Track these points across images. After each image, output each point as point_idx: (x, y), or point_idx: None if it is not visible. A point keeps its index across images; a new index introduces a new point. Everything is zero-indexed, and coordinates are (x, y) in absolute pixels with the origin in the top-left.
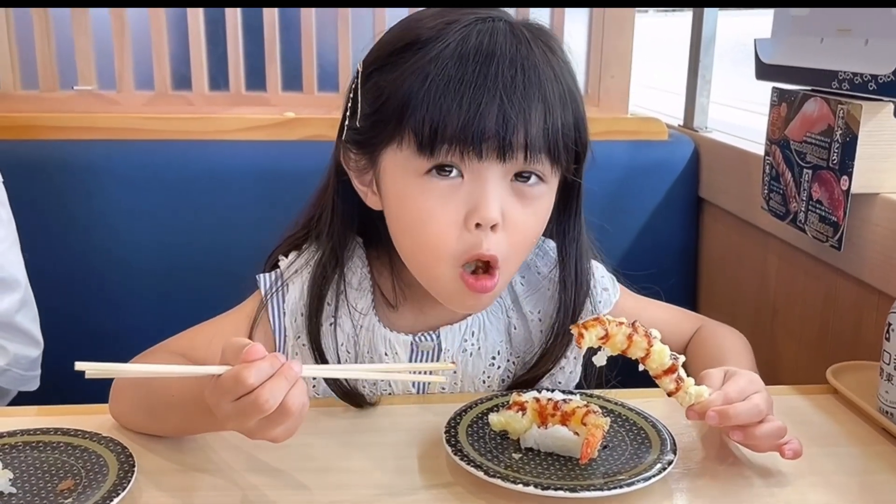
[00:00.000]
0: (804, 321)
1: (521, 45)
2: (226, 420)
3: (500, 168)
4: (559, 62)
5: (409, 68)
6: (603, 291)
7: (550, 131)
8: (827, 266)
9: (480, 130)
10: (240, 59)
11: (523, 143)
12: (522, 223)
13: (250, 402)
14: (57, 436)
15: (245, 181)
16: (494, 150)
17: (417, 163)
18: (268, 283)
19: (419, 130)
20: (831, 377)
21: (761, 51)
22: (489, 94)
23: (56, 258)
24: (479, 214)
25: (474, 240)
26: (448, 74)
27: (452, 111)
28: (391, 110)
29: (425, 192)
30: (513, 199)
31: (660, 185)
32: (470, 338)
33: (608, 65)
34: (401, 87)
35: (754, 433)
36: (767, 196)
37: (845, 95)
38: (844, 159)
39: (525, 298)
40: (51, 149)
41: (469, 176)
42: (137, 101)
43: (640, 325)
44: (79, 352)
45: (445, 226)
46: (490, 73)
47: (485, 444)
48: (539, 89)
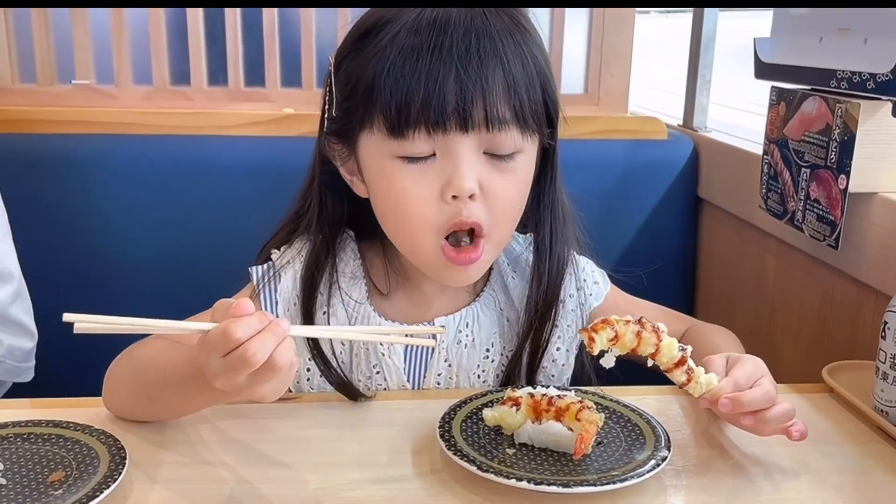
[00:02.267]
0: (802, 320)
1: (475, 16)
2: (215, 377)
3: (467, 140)
4: (521, 30)
5: (370, 52)
6: (594, 284)
7: (514, 98)
8: (824, 265)
9: (441, 105)
10: (239, 55)
11: (483, 112)
12: (503, 191)
13: (238, 356)
14: (48, 428)
15: (243, 177)
16: (457, 122)
17: (390, 145)
18: (259, 274)
19: (387, 112)
20: (827, 376)
21: (760, 50)
22: (445, 67)
23: (52, 251)
24: (453, 186)
25: (453, 210)
26: (405, 54)
27: (412, 90)
28: (359, 96)
29: (401, 170)
30: (488, 168)
31: (659, 185)
32: (464, 328)
33: (608, 64)
34: (364, 72)
35: (765, 417)
36: (765, 195)
37: (844, 94)
38: (842, 158)
39: (514, 290)
40: (48, 142)
41: (440, 152)
42: (135, 96)
43: (646, 321)
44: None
45: (424, 201)
46: (444, 45)
47: (479, 438)
48: (497, 57)
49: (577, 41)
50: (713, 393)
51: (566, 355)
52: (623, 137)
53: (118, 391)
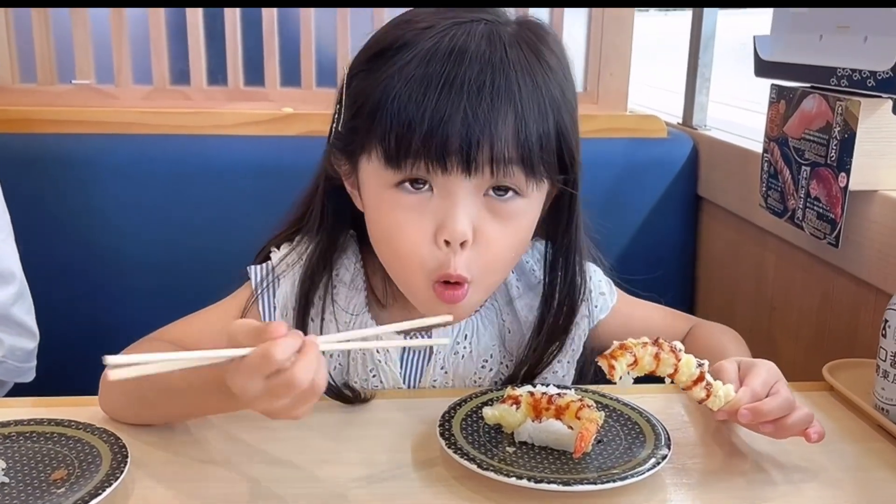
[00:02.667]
0: (802, 319)
1: (495, 50)
2: (253, 401)
3: (468, 183)
4: (544, 68)
5: (380, 76)
6: (600, 296)
7: (523, 144)
8: (825, 264)
9: (443, 144)
10: (238, 54)
11: (489, 158)
12: (497, 240)
13: (284, 382)
14: (50, 426)
15: (243, 176)
16: (459, 164)
17: (387, 175)
18: (259, 276)
19: (386, 143)
20: (827, 374)
21: (760, 48)
22: (453, 106)
23: (53, 251)
24: (446, 231)
25: (443, 258)
26: (413, 84)
27: (415, 123)
28: (363, 119)
29: (396, 205)
30: (487, 214)
31: (658, 183)
32: (462, 340)
33: (607, 62)
34: (371, 96)
35: (785, 424)
36: (765, 193)
37: (844, 92)
38: (842, 156)
39: (519, 300)
40: (49, 142)
41: (438, 190)
42: (135, 96)
43: (663, 342)
44: (74, 344)
45: (416, 240)
46: (456, 80)
47: (479, 437)
48: (510, 98)
49: (577, 39)
50: (731, 404)
51: (567, 367)
52: (622, 136)
53: (114, 397)
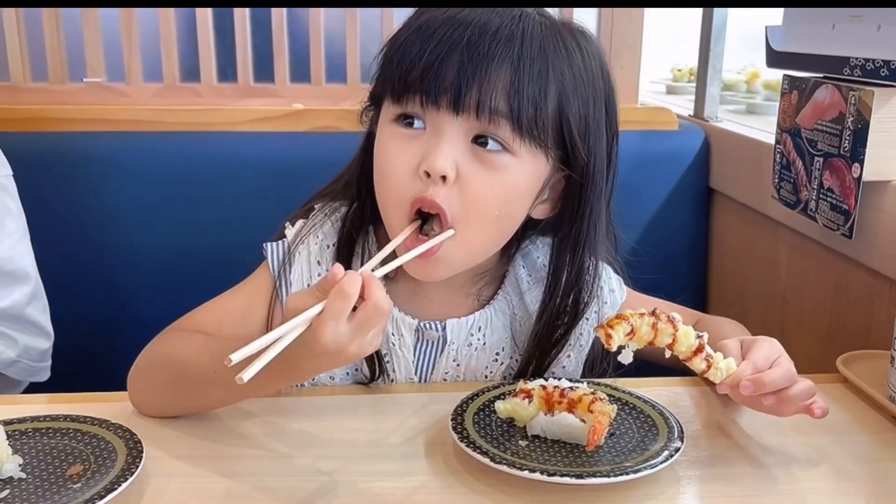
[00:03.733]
0: (815, 311)
1: (517, 19)
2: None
3: (455, 122)
4: (558, 45)
5: (405, 28)
6: (610, 293)
7: (514, 97)
8: (838, 255)
9: (437, 81)
10: (248, 51)
11: (476, 100)
12: (481, 185)
13: (371, 311)
14: (66, 422)
15: (253, 172)
16: (449, 101)
17: (390, 110)
18: (274, 253)
19: (392, 81)
20: (841, 366)
21: (772, 38)
22: (452, 45)
23: (65, 250)
24: (427, 162)
25: (421, 186)
26: (424, 27)
27: (416, 61)
28: (382, 64)
29: (391, 136)
30: (471, 158)
31: (670, 176)
32: (476, 332)
33: (617, 55)
34: (391, 43)
35: (787, 395)
36: (778, 185)
37: (857, 82)
38: (856, 146)
39: (529, 293)
40: (60, 141)
41: (430, 128)
42: (146, 93)
43: (661, 312)
44: (88, 343)
45: (400, 169)
46: (459, 27)
47: (491, 431)
48: (512, 54)
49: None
50: (733, 377)
51: (575, 361)
52: (633, 128)
53: (150, 387)
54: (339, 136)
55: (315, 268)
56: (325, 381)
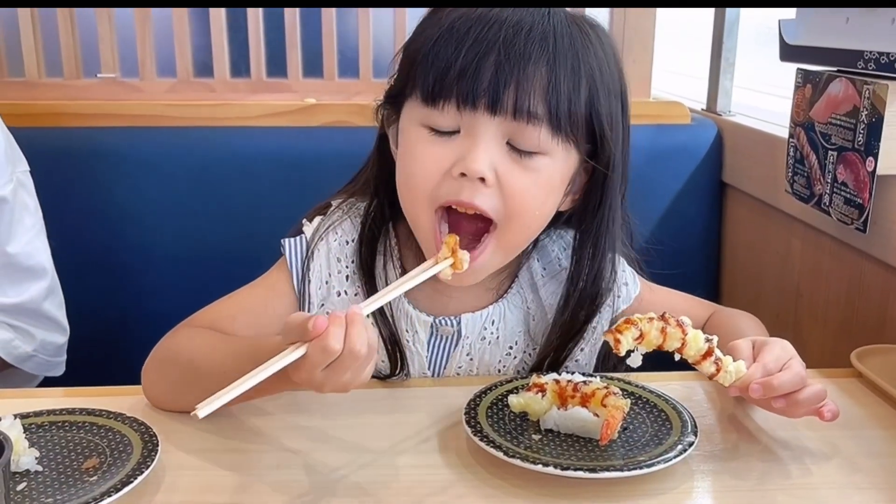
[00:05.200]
0: (829, 305)
1: (546, 17)
2: (321, 386)
3: (492, 123)
4: (585, 41)
5: (430, 26)
6: (623, 286)
7: (551, 95)
8: (852, 249)
9: (475, 80)
10: (261, 46)
11: (514, 100)
12: (519, 183)
13: (347, 356)
14: (82, 416)
15: (266, 167)
16: (486, 101)
17: (422, 112)
18: (292, 249)
19: (425, 83)
20: (856, 360)
21: (786, 32)
22: (489, 46)
23: (80, 245)
24: (464, 163)
25: (456, 186)
26: (456, 27)
27: (451, 60)
28: (408, 63)
29: (424, 139)
30: (509, 160)
31: (683, 170)
32: (490, 326)
33: (630, 49)
34: (417, 41)
35: (797, 399)
36: (791, 179)
37: (871, 75)
38: (870, 140)
39: (543, 287)
40: (75, 136)
41: (465, 129)
42: (160, 89)
43: (670, 316)
44: (103, 337)
45: (431, 172)
46: (496, 27)
47: (504, 425)
48: (547, 52)
49: None
50: (743, 380)
51: (588, 355)
52: (646, 122)
53: (163, 382)
54: (351, 131)
55: (335, 264)
56: None
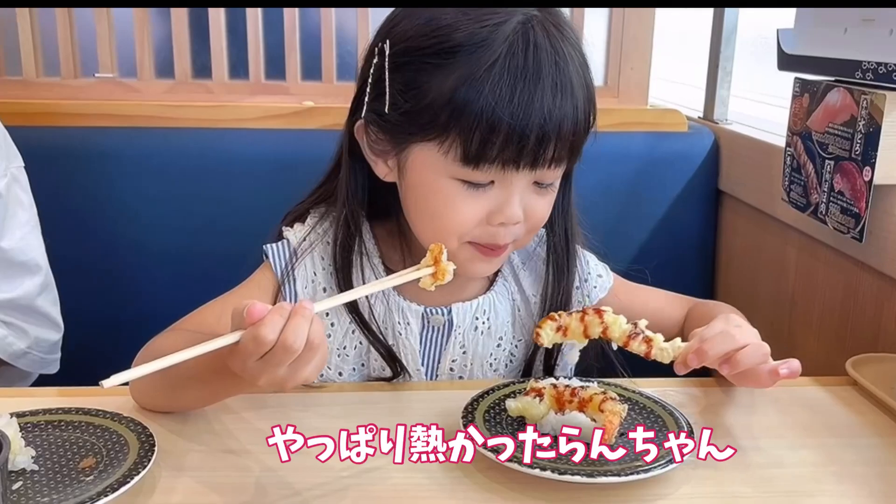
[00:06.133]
0: (824, 313)
1: (559, 55)
2: (256, 378)
3: (527, 174)
4: (579, 60)
5: (459, 76)
6: (597, 278)
7: (575, 140)
8: (847, 258)
9: (521, 148)
10: (259, 48)
11: (551, 156)
12: (540, 211)
13: (280, 348)
14: (78, 415)
15: (264, 169)
16: (529, 164)
17: (456, 169)
18: (277, 254)
19: (467, 142)
20: (851, 369)
21: (784, 41)
22: (534, 115)
23: (76, 243)
24: (503, 215)
25: (493, 231)
26: (499, 90)
27: (500, 130)
28: (436, 113)
29: (456, 192)
30: (533, 195)
31: (679, 177)
32: (481, 315)
33: (628, 56)
34: (449, 95)
35: (737, 359)
36: (788, 188)
37: (869, 86)
38: (867, 150)
39: (525, 281)
40: (72, 135)
41: (499, 182)
42: (158, 89)
43: (588, 308)
44: (97, 335)
45: (467, 220)
46: (537, 94)
47: (502, 429)
48: (572, 100)
49: (598, 33)
50: (682, 353)
51: (569, 348)
52: (643, 130)
53: (143, 385)
54: None
55: (319, 266)
56: (333, 377)
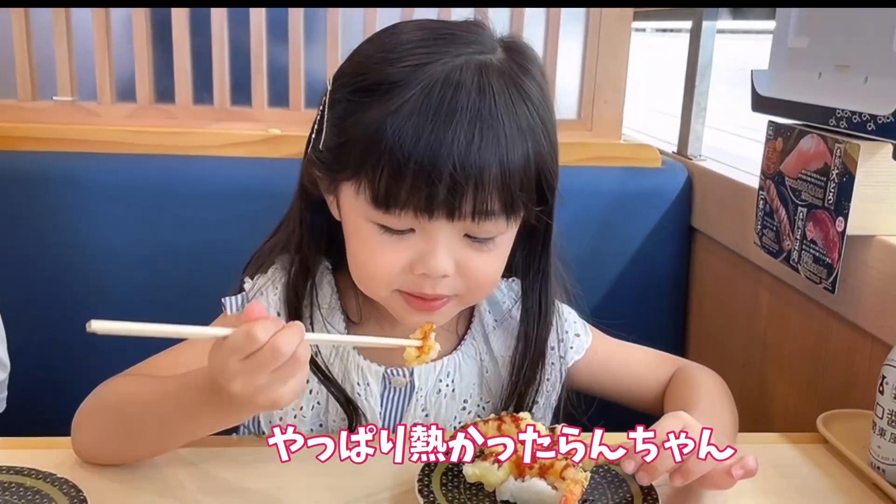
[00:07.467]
0: (794, 360)
1: (485, 98)
2: (232, 378)
3: (450, 226)
4: (528, 106)
5: (371, 115)
6: (575, 337)
7: (505, 191)
8: (820, 306)
9: (431, 194)
10: (225, 73)
11: (472, 209)
12: (479, 267)
13: (268, 349)
14: (9, 475)
15: (228, 199)
16: (444, 211)
17: (370, 212)
18: (233, 308)
19: (375, 186)
20: (822, 426)
21: (758, 82)
22: (442, 160)
23: (29, 275)
24: (425, 266)
25: (420, 282)
26: (404, 133)
27: (406, 174)
28: (351, 154)
29: (374, 235)
30: (466, 249)
31: (652, 213)
32: (445, 378)
33: (601, 90)
34: (361, 135)
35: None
36: (760, 232)
37: (843, 133)
38: (840, 199)
39: (494, 339)
40: (27, 160)
41: (420, 231)
42: (119, 114)
43: (504, 415)
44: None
45: (388, 268)
46: (447, 137)
47: (459, 495)
48: (497, 149)
49: (571, 66)
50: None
51: (543, 409)
52: (616, 164)
53: (92, 431)
54: None
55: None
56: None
